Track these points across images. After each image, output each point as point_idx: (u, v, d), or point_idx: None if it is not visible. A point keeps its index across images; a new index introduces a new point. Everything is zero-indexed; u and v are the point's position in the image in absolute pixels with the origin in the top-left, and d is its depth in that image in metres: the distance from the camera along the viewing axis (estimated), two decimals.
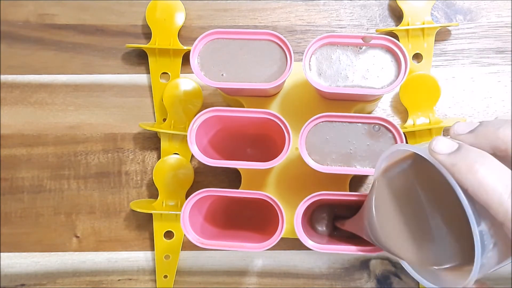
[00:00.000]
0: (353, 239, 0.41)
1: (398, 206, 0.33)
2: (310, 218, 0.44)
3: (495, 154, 0.27)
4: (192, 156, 0.49)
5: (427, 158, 0.28)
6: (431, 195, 0.32)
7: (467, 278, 0.27)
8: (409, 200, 0.33)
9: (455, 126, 0.29)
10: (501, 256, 0.28)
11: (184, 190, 0.49)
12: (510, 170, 0.26)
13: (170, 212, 0.47)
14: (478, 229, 0.26)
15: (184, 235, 0.48)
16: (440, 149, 0.27)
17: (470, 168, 0.26)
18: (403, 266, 0.33)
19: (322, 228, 0.44)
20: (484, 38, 0.50)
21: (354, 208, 0.40)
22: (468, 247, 0.27)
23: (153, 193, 0.50)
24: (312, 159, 0.40)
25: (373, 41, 0.41)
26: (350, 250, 0.40)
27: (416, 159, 0.32)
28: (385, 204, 0.34)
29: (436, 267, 0.31)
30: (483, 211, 0.26)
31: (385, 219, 0.34)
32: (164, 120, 0.50)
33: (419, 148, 0.29)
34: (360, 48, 0.41)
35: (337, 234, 0.44)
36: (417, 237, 0.32)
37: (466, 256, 0.30)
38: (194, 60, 0.41)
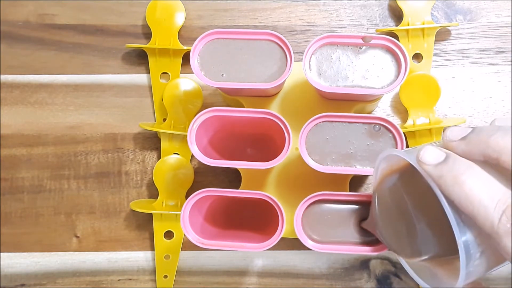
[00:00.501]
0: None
1: (392, 212, 0.35)
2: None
3: (487, 162, 0.27)
4: (192, 156, 0.49)
5: (416, 168, 0.28)
6: (417, 202, 0.33)
7: (457, 280, 0.27)
8: (400, 208, 0.34)
9: (447, 132, 0.29)
10: (490, 263, 0.28)
11: (184, 190, 0.49)
12: (497, 182, 0.26)
13: (170, 212, 0.47)
14: (462, 240, 0.26)
15: (184, 235, 0.48)
16: (427, 159, 0.28)
17: (456, 180, 0.26)
18: (404, 266, 0.34)
19: (316, 235, 0.41)
20: (484, 38, 0.50)
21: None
22: (452, 240, 0.27)
23: (153, 193, 0.50)
24: (312, 159, 0.40)
25: (373, 41, 0.41)
26: (350, 250, 0.40)
27: (405, 169, 0.33)
28: (384, 210, 0.36)
29: (420, 258, 0.33)
30: (469, 220, 0.26)
31: (385, 222, 0.36)
32: (164, 120, 0.50)
33: (411, 156, 0.29)
34: (360, 48, 0.41)
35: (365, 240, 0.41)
36: (409, 237, 0.34)
37: (449, 247, 0.31)
38: (194, 60, 0.41)
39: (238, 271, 0.49)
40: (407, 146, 0.47)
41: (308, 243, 0.40)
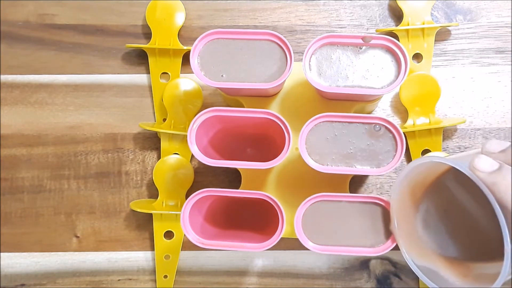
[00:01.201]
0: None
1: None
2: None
3: None
4: (192, 156, 0.49)
5: (468, 175, 0.30)
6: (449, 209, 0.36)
7: (491, 284, 0.29)
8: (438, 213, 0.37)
9: (487, 145, 0.31)
10: None
11: (184, 190, 0.49)
12: None
13: (170, 212, 0.47)
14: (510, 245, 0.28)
15: (184, 235, 0.48)
16: (482, 167, 0.29)
17: (509, 187, 0.28)
18: (412, 268, 0.36)
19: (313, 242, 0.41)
20: (484, 38, 0.50)
21: None
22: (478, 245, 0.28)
23: (153, 193, 0.50)
24: (312, 159, 0.40)
25: (373, 41, 0.41)
26: (350, 251, 0.40)
27: (434, 179, 0.36)
28: (404, 215, 0.39)
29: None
30: None
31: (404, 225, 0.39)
32: (164, 120, 0.50)
33: (460, 163, 0.31)
34: (360, 48, 0.41)
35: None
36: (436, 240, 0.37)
37: (470, 254, 0.33)
38: (194, 60, 0.41)
39: (238, 271, 0.49)
40: (407, 146, 0.47)
41: (308, 244, 0.40)
